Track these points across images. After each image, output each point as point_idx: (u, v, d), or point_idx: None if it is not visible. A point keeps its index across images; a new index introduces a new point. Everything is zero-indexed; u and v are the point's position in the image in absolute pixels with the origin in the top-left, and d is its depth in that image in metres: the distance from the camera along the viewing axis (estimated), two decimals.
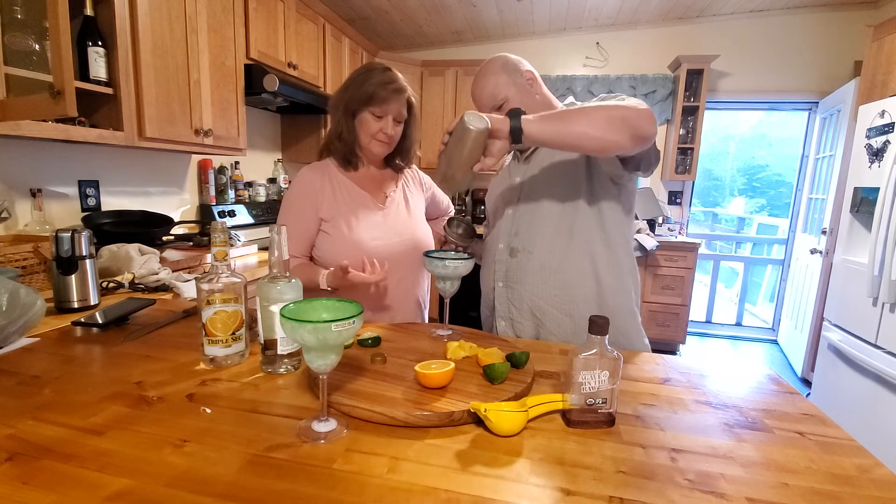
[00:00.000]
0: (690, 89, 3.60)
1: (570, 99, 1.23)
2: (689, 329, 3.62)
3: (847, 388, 2.34)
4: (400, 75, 1.22)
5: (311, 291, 1.09)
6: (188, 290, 1.41)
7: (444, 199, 1.54)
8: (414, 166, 1.44)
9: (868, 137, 2.31)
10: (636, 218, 3.68)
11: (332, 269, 1.13)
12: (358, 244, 1.20)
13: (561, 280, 1.14)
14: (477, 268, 1.16)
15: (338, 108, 1.23)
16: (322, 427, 0.63)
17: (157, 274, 1.46)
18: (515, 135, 0.89)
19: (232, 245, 2.12)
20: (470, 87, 1.19)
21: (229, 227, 2.32)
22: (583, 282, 1.14)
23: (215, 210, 2.45)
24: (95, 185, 1.87)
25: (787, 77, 3.60)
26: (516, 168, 1.24)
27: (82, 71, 1.50)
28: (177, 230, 2.11)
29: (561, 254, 1.14)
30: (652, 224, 3.68)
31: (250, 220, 2.62)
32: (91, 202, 1.85)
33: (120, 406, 0.69)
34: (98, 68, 1.52)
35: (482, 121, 0.87)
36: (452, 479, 0.55)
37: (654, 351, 1.08)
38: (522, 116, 0.90)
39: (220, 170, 2.55)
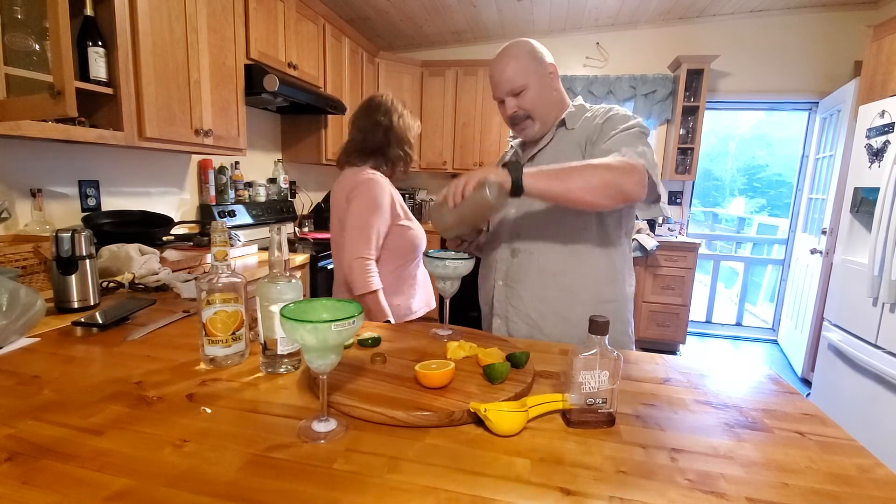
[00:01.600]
0: (690, 89, 3.59)
1: (580, 100, 1.24)
2: (689, 329, 3.61)
3: (847, 388, 2.34)
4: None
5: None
6: (188, 290, 1.41)
7: None
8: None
9: (868, 137, 2.31)
10: (636, 218, 3.68)
11: None
12: (421, 236, 1.52)
13: (560, 283, 1.14)
14: (477, 267, 1.16)
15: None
16: (322, 427, 0.63)
17: (157, 274, 1.45)
18: (516, 188, 0.92)
19: (232, 245, 2.12)
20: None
21: (229, 227, 2.32)
22: (582, 285, 1.14)
23: (215, 210, 2.45)
24: (95, 185, 1.87)
25: (787, 77, 3.60)
26: None
27: (82, 71, 1.50)
28: (177, 230, 2.10)
29: (561, 257, 1.14)
30: (652, 224, 3.67)
31: (250, 220, 2.62)
32: (91, 202, 1.85)
33: (120, 406, 0.69)
34: (98, 68, 1.52)
35: (502, 191, 0.90)
36: (452, 479, 0.55)
37: (654, 351, 1.08)
38: (524, 171, 0.93)
39: (220, 170, 2.55)
